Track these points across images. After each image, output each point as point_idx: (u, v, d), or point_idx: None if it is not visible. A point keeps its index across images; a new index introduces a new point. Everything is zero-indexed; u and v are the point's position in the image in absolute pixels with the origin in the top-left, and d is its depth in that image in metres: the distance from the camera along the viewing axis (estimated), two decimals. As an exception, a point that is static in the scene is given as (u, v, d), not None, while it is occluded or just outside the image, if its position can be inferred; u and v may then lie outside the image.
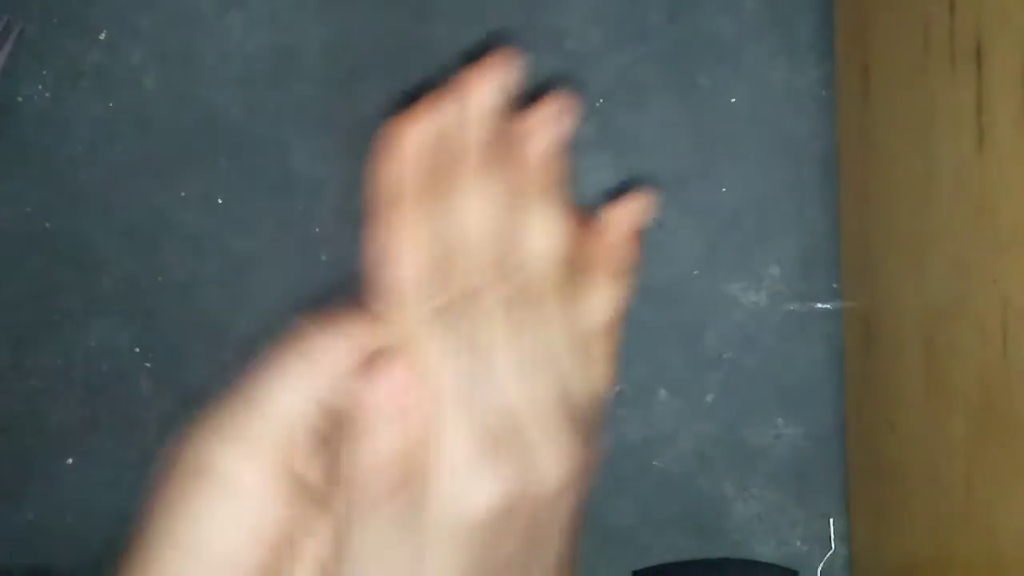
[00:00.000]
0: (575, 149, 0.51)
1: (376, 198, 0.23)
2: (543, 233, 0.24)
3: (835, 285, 0.47)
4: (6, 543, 0.48)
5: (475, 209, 0.23)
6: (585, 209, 0.26)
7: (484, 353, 0.22)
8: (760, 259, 0.47)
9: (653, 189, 0.50)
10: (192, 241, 0.48)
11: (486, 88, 0.25)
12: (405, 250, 0.22)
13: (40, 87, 0.48)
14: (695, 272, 0.47)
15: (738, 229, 0.47)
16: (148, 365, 0.48)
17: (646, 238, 0.50)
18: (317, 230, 0.48)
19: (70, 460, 0.48)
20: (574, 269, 0.24)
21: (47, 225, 0.48)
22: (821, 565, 0.47)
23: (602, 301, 0.25)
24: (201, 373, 0.47)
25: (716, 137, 0.47)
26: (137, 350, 0.48)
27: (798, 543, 0.47)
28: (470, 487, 0.21)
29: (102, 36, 0.48)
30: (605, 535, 0.47)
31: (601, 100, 0.47)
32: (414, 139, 0.24)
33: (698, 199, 0.47)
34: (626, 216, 0.27)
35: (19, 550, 0.48)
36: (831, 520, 0.47)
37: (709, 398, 0.47)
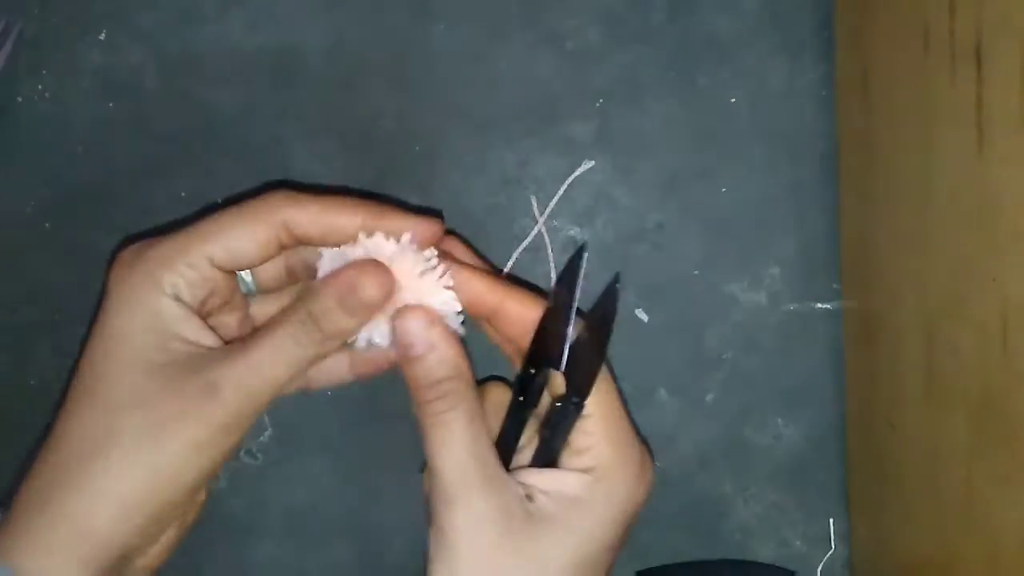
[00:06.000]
0: (575, 149, 0.51)
1: None
2: None
3: (835, 285, 0.47)
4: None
5: None
6: None
7: None
8: (760, 259, 0.47)
9: (653, 189, 0.50)
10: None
11: None
12: None
13: (40, 87, 0.48)
14: (695, 272, 0.47)
15: (738, 229, 0.47)
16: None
17: (647, 239, 0.50)
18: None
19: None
20: None
21: (47, 225, 0.48)
22: (821, 565, 0.47)
23: None
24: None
25: (716, 137, 0.47)
26: (137, 350, 0.48)
27: (798, 543, 0.47)
28: None
29: (102, 36, 0.48)
30: (605, 535, 0.47)
31: (601, 100, 0.47)
32: None
33: (698, 199, 0.47)
34: None
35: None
36: (831, 520, 0.47)
37: (709, 398, 0.47)
